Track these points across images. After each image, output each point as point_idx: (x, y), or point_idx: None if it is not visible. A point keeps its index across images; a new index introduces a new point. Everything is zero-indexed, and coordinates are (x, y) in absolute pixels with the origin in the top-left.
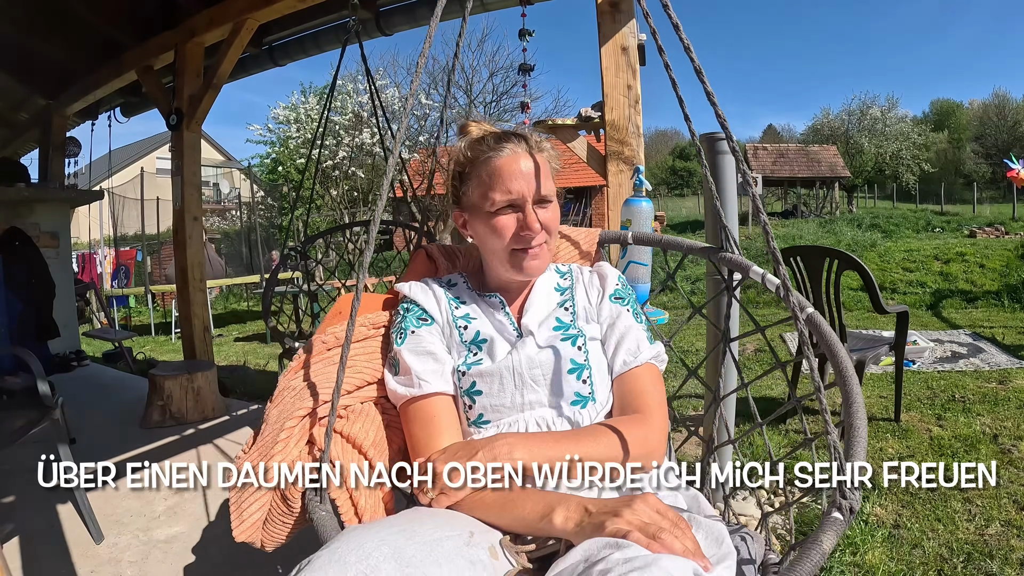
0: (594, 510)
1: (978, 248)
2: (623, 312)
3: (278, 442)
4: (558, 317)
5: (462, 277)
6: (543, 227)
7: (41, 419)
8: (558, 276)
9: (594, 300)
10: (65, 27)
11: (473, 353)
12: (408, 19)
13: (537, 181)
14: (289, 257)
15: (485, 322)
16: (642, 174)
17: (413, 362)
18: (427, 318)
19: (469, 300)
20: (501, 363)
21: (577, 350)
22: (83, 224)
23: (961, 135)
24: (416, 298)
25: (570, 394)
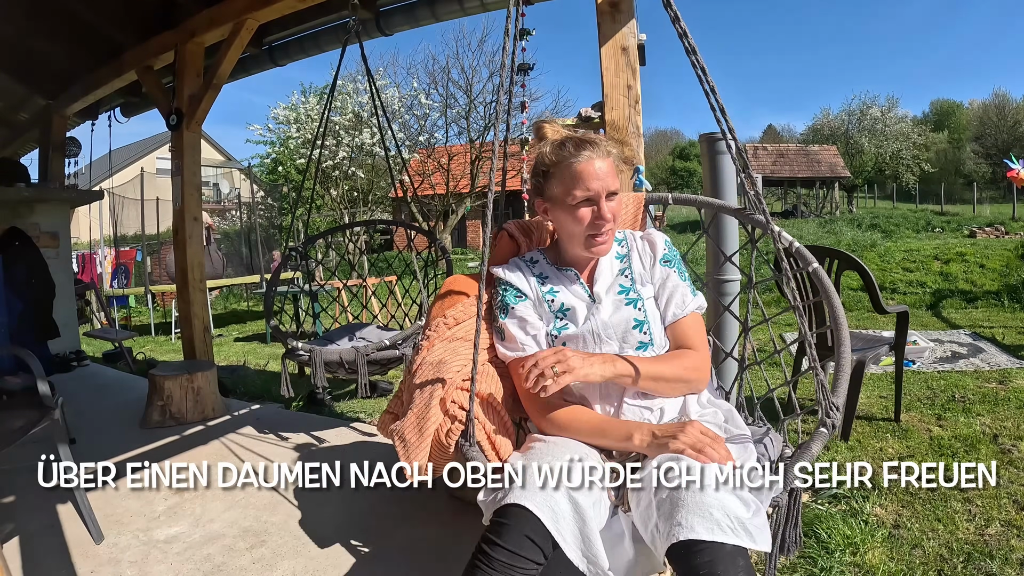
0: (659, 433)
1: (978, 248)
2: (671, 273)
3: (431, 407)
4: (621, 284)
5: (541, 254)
6: (613, 216)
7: (41, 419)
8: (616, 245)
9: (647, 264)
10: (65, 27)
11: (560, 319)
12: (408, 19)
13: (608, 180)
14: (290, 257)
15: (567, 293)
16: (642, 174)
17: (516, 331)
18: (522, 295)
19: (550, 274)
20: (583, 327)
21: (638, 311)
22: (83, 224)
23: (961, 135)
24: (511, 280)
25: (634, 342)
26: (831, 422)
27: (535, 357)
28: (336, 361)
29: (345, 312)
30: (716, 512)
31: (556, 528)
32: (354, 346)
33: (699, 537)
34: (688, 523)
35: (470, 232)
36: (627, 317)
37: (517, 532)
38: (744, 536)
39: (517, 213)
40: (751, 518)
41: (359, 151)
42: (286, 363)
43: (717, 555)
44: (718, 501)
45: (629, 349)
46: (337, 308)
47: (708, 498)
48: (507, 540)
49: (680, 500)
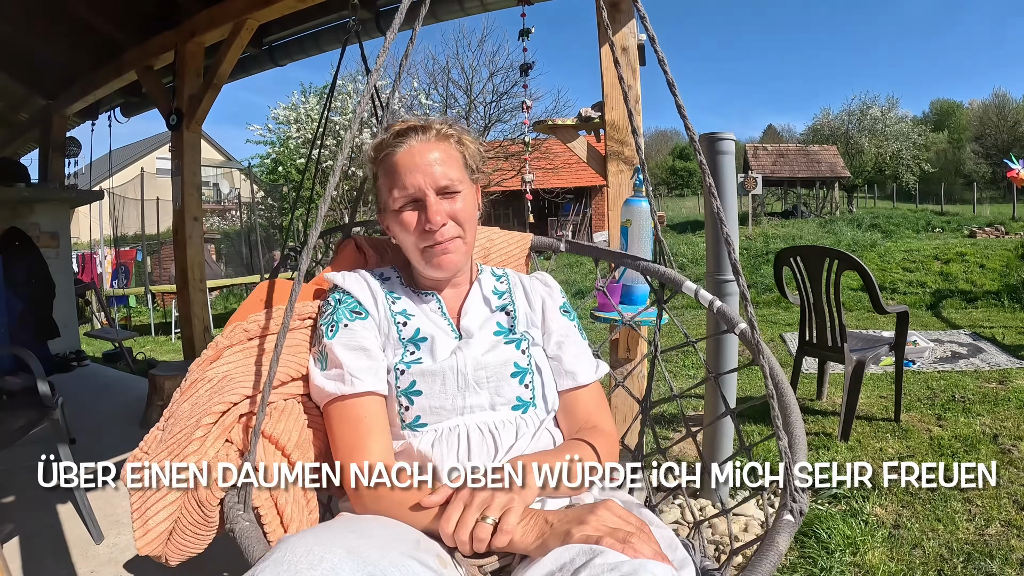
0: (554, 520)
1: (978, 248)
2: (571, 329)
3: (193, 440)
4: (498, 321)
5: (395, 271)
6: (452, 219)
7: (41, 419)
8: (495, 279)
9: (537, 307)
10: (65, 27)
11: (411, 352)
12: (408, 19)
13: (434, 172)
14: (289, 257)
15: (425, 320)
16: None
17: (345, 357)
18: (361, 311)
19: (404, 296)
20: (445, 363)
21: (521, 354)
22: (83, 224)
23: (961, 135)
24: (350, 289)
25: (511, 398)
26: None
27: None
28: None
29: None
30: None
31: None
32: None
33: None
34: None
35: None
36: (505, 360)
37: None
38: None
39: (518, 213)
40: None
41: (359, 151)
42: None
43: None
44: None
45: (502, 406)
46: None
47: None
48: None
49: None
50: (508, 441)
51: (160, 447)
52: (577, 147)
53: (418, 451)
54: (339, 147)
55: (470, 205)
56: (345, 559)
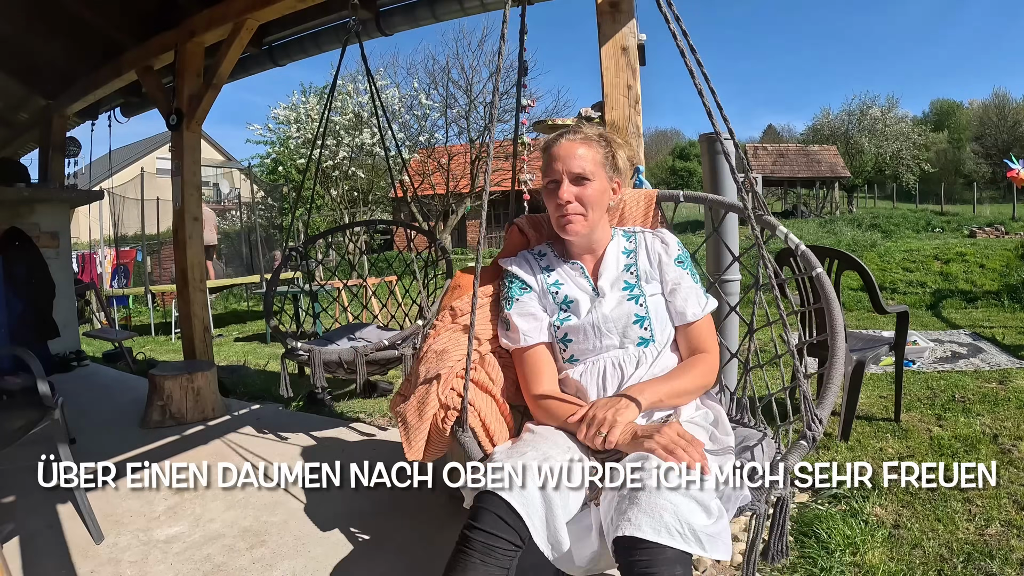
0: (639, 433)
1: (978, 248)
2: (684, 276)
3: (430, 394)
4: (626, 280)
5: (549, 247)
6: (577, 200)
7: (41, 419)
8: (625, 240)
9: (655, 263)
10: (65, 27)
11: (564, 311)
12: (408, 19)
13: (570, 162)
14: (290, 257)
15: (571, 286)
16: (642, 174)
17: (520, 322)
18: (527, 287)
19: (556, 267)
20: (584, 319)
21: (639, 307)
22: (83, 224)
23: (961, 135)
24: (516, 272)
25: (635, 338)
26: (812, 435)
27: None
28: (335, 361)
29: (345, 312)
30: (667, 515)
31: (526, 513)
32: (353, 346)
33: (643, 536)
34: (636, 520)
35: (470, 232)
36: (628, 312)
37: (493, 516)
38: (693, 543)
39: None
40: (708, 525)
41: (359, 151)
42: (285, 363)
43: (656, 557)
44: (672, 504)
45: (629, 344)
46: (337, 308)
47: (662, 499)
48: (484, 523)
49: (636, 498)
50: (630, 370)
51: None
52: None
53: (573, 379)
54: (339, 147)
55: (594, 191)
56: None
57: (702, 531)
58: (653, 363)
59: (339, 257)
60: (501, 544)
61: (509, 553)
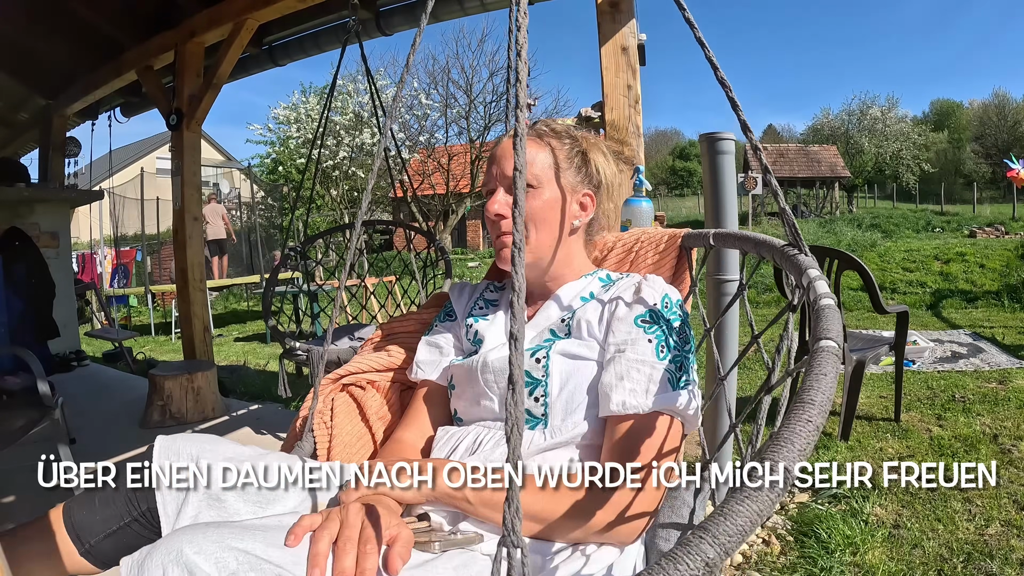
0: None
1: (978, 248)
2: (640, 340)
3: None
4: (552, 328)
5: None
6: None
7: (41, 419)
8: (599, 284)
9: (606, 315)
10: (65, 27)
11: (470, 352)
12: (408, 19)
13: (507, 164)
14: (289, 257)
15: (494, 324)
16: (642, 174)
17: (421, 351)
18: (452, 314)
19: (503, 304)
20: (465, 361)
21: (535, 363)
22: (83, 224)
23: (961, 135)
24: (452, 298)
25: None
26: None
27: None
28: (334, 361)
29: (344, 312)
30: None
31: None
32: (352, 346)
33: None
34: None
35: (470, 232)
36: None
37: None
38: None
39: None
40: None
41: (359, 151)
42: (284, 363)
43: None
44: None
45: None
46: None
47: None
48: None
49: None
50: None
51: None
52: None
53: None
54: (339, 147)
55: (544, 205)
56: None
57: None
58: (530, 458)
59: (338, 257)
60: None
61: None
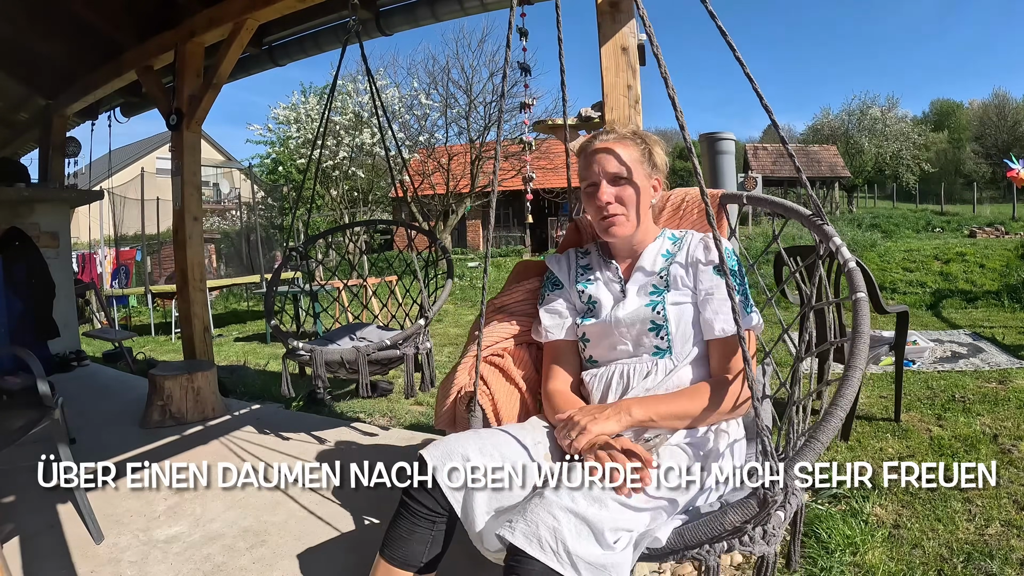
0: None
1: (978, 248)
2: (720, 285)
3: (456, 373)
4: (654, 284)
5: (596, 246)
6: (617, 201)
7: (41, 419)
8: (670, 243)
9: (692, 268)
10: (65, 27)
11: (589, 311)
12: (408, 19)
13: (606, 163)
14: (290, 257)
15: (600, 287)
16: None
17: (545, 318)
18: (559, 284)
19: (595, 266)
20: (601, 321)
21: (656, 313)
22: (83, 224)
23: (961, 135)
24: (552, 270)
25: (650, 347)
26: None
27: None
28: (337, 361)
29: (345, 312)
30: (543, 529)
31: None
32: (355, 346)
33: (514, 541)
34: (514, 524)
35: (470, 232)
36: (643, 318)
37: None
38: (567, 567)
39: (518, 213)
40: (597, 554)
41: (359, 151)
42: (286, 363)
43: (523, 567)
44: (556, 520)
45: (644, 352)
46: (337, 308)
47: (547, 513)
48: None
49: (528, 503)
50: (636, 381)
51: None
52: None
53: (584, 382)
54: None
55: (634, 190)
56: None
57: (581, 558)
58: (665, 378)
59: (339, 257)
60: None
61: (431, 517)
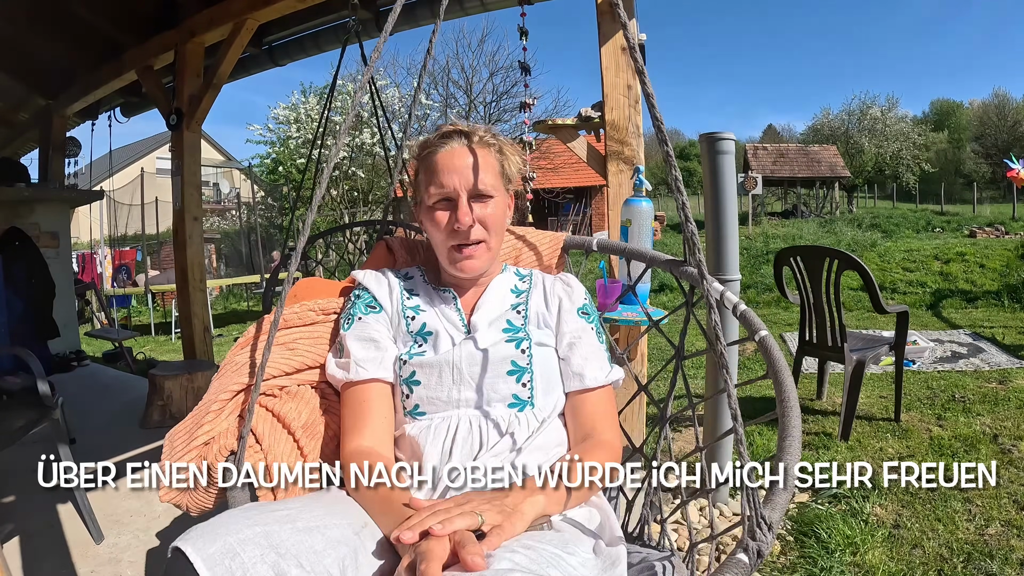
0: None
1: (978, 248)
2: (586, 331)
3: (209, 412)
4: (509, 319)
5: (419, 270)
6: (478, 222)
7: (41, 419)
8: (517, 279)
9: (553, 308)
10: (65, 27)
11: (418, 344)
12: (408, 19)
13: (475, 175)
14: (289, 257)
15: (434, 315)
16: (642, 174)
17: (355, 348)
18: (376, 306)
19: (423, 293)
20: (442, 356)
21: (520, 353)
22: (83, 224)
23: (961, 135)
24: (368, 285)
25: (507, 395)
26: (756, 547)
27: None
28: None
29: None
30: None
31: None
32: None
33: None
34: None
35: None
36: (503, 357)
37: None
38: None
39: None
40: None
41: (359, 151)
42: None
43: None
44: None
45: (498, 403)
46: None
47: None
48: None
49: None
50: (494, 438)
51: (188, 417)
52: (577, 147)
53: (409, 436)
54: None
55: (499, 212)
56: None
57: None
58: (532, 437)
59: (339, 257)
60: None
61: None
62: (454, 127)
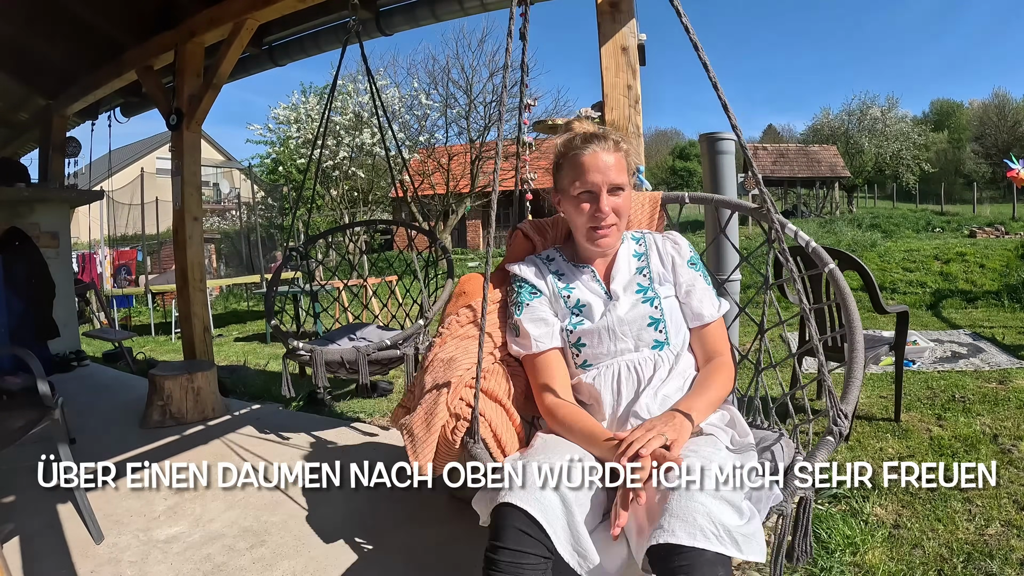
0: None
1: (978, 248)
2: (698, 277)
3: (439, 404)
4: (638, 282)
5: (557, 251)
6: (613, 211)
7: (41, 419)
8: (634, 243)
9: (668, 265)
10: (65, 27)
11: (576, 315)
12: (408, 19)
13: (610, 174)
14: (290, 257)
15: (583, 290)
16: (642, 174)
17: (531, 328)
18: (536, 292)
19: (566, 271)
20: (599, 323)
21: (654, 308)
22: (83, 224)
23: (961, 135)
24: (526, 276)
25: (649, 340)
26: (839, 430)
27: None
28: (337, 361)
29: (346, 312)
30: (700, 518)
31: (546, 520)
32: (355, 346)
33: (679, 542)
34: (669, 526)
35: (470, 232)
36: (643, 314)
37: (514, 531)
38: (729, 544)
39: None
40: (742, 525)
41: (359, 151)
42: (287, 363)
43: (696, 561)
44: (704, 506)
45: (644, 347)
46: (337, 308)
47: (693, 502)
48: (507, 540)
49: (668, 502)
50: (647, 373)
51: (419, 408)
52: None
53: (586, 383)
54: (339, 147)
55: (627, 200)
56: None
57: (736, 532)
58: (672, 367)
59: (339, 257)
60: (528, 560)
61: (539, 567)
62: (592, 132)
